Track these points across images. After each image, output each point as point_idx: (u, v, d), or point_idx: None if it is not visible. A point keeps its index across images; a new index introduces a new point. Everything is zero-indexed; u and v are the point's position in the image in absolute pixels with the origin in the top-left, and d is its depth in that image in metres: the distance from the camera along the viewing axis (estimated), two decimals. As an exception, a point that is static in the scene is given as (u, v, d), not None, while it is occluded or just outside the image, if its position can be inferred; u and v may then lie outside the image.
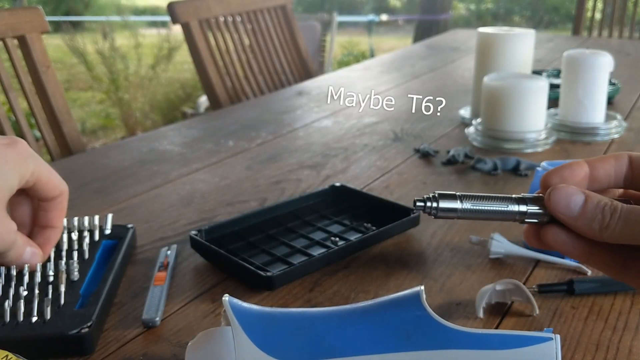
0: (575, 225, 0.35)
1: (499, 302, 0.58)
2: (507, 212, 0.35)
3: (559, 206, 0.35)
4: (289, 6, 1.95)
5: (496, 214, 0.35)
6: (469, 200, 0.35)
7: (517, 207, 0.35)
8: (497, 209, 0.35)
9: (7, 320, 0.52)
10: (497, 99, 1.03)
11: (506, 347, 0.34)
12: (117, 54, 4.56)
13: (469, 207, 0.35)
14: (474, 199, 0.35)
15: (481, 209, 0.35)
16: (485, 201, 0.35)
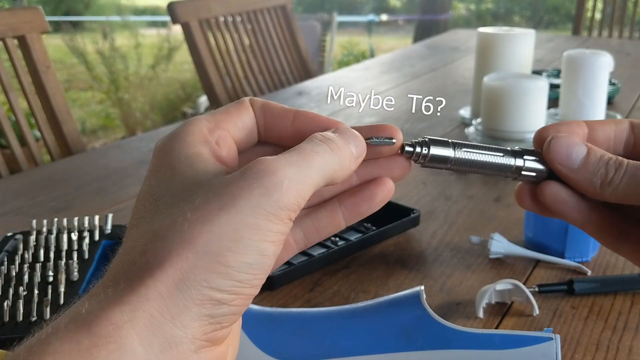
0: (575, 180, 0.32)
1: (499, 302, 0.58)
2: (503, 165, 0.32)
3: (559, 156, 0.32)
4: (289, 6, 1.94)
5: (490, 166, 0.32)
6: (463, 148, 0.32)
7: (513, 160, 0.33)
8: (492, 161, 0.32)
9: (7, 321, 0.52)
10: (497, 99, 1.03)
11: (506, 347, 0.33)
12: (117, 54, 4.56)
13: (462, 156, 0.32)
14: (469, 147, 0.32)
15: (475, 160, 0.32)
16: (480, 150, 0.32)
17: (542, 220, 0.66)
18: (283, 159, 0.28)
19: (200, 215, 0.26)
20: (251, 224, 0.26)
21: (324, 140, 0.30)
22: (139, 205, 0.32)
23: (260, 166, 0.27)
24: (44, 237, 0.66)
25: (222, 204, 0.26)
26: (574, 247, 0.64)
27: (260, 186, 0.26)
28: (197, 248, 0.25)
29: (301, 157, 0.28)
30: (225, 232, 0.25)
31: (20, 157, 1.17)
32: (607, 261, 0.66)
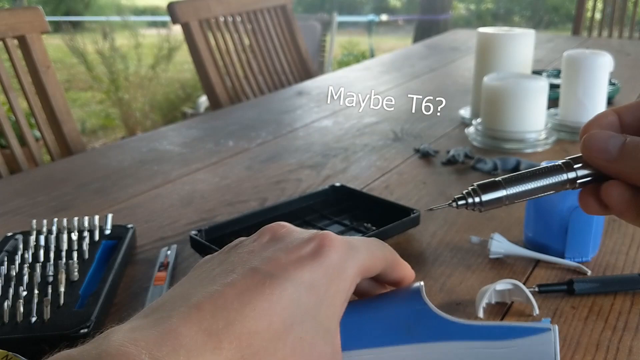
0: (617, 170, 0.31)
1: (499, 302, 0.58)
2: (558, 184, 0.32)
3: (594, 150, 0.32)
4: (289, 6, 1.94)
5: (547, 189, 0.32)
6: (513, 184, 0.32)
7: (565, 175, 0.32)
8: (546, 184, 0.32)
9: (7, 321, 0.52)
10: (497, 99, 1.03)
11: (505, 338, 0.34)
12: (117, 54, 4.56)
13: (514, 191, 0.32)
14: (518, 182, 0.32)
15: (529, 190, 0.32)
16: (530, 180, 0.32)
17: (542, 220, 0.66)
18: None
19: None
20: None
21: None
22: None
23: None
24: (44, 237, 0.66)
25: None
26: (574, 247, 0.64)
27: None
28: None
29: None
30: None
31: (20, 157, 1.17)
32: (607, 261, 0.66)
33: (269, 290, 0.30)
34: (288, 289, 0.30)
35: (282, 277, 0.31)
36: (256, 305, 0.29)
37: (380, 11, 8.86)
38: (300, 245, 0.33)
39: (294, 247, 0.33)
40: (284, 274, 0.31)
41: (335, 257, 0.33)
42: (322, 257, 0.32)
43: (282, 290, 0.30)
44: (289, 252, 0.32)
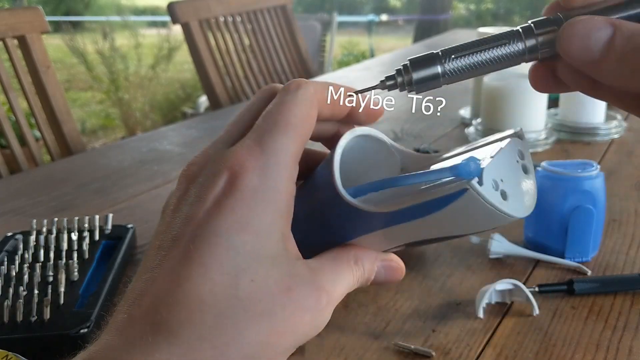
0: (598, 72, 0.26)
1: (499, 302, 0.58)
2: (511, 55, 0.27)
3: (573, 50, 0.25)
4: (289, 6, 1.94)
5: (497, 61, 0.27)
6: (455, 56, 0.27)
7: (522, 44, 0.26)
8: (497, 54, 0.27)
9: (7, 320, 0.52)
10: (497, 99, 1.03)
11: (424, 215, 0.27)
12: (117, 54, 4.56)
13: (456, 65, 0.27)
14: (461, 53, 0.27)
15: (474, 62, 0.27)
16: (476, 51, 0.27)
17: (542, 220, 0.66)
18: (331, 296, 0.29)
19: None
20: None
21: (354, 272, 0.30)
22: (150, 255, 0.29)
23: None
24: (44, 237, 0.66)
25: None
26: (574, 247, 0.64)
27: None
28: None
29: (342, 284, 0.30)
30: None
31: (20, 157, 1.17)
32: (607, 261, 0.66)
33: (197, 255, 0.26)
34: (217, 243, 0.26)
35: (205, 234, 0.27)
36: (191, 277, 0.26)
37: (380, 11, 8.86)
38: (212, 184, 0.28)
39: (207, 190, 0.28)
40: (206, 228, 0.27)
41: (254, 179, 0.27)
42: (238, 188, 0.27)
43: (211, 246, 0.26)
44: (203, 199, 0.28)
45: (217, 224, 0.27)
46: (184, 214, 0.28)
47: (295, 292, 0.27)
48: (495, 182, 0.26)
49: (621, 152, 1.00)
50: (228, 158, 0.28)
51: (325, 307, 0.28)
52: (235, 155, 0.28)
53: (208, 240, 0.27)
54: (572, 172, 0.64)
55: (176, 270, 0.26)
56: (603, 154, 1.00)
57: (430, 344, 0.53)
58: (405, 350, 0.52)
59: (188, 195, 0.29)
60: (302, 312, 0.27)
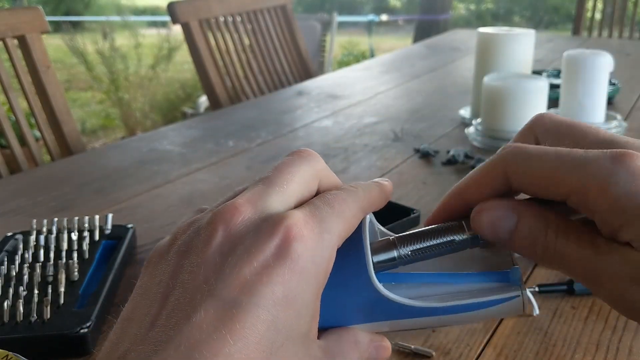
0: (512, 249, 0.29)
1: (499, 302, 0.58)
2: (458, 244, 0.30)
3: (485, 234, 0.29)
4: (289, 6, 1.95)
5: (447, 248, 0.30)
6: (408, 244, 0.30)
7: (466, 235, 0.30)
8: (445, 243, 0.30)
9: (7, 320, 0.52)
10: (497, 99, 1.03)
11: (472, 310, 0.30)
12: (117, 54, 4.56)
13: (408, 253, 0.30)
14: (414, 241, 0.30)
15: (427, 250, 0.30)
16: (428, 240, 0.30)
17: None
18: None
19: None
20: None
21: (354, 352, 0.31)
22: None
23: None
24: (44, 237, 0.66)
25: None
26: (574, 247, 0.64)
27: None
28: None
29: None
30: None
31: (20, 157, 1.17)
32: (607, 261, 0.66)
33: (239, 324, 0.24)
34: (261, 315, 0.25)
35: (252, 302, 0.25)
36: (228, 348, 0.24)
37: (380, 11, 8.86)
38: (262, 247, 0.26)
39: (256, 251, 0.26)
40: (253, 296, 0.25)
41: (307, 251, 0.26)
42: (291, 256, 0.26)
43: (254, 319, 0.25)
44: (251, 261, 0.26)
45: (266, 292, 0.25)
46: (226, 272, 0.26)
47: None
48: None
49: (621, 152, 1.00)
50: (285, 220, 0.26)
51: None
52: (294, 218, 0.27)
53: (253, 311, 0.25)
54: (572, 172, 0.64)
55: (215, 333, 0.24)
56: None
57: (430, 344, 0.53)
58: (405, 350, 0.52)
59: (233, 251, 0.26)
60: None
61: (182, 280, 0.26)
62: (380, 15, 8.49)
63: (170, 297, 0.26)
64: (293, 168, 0.30)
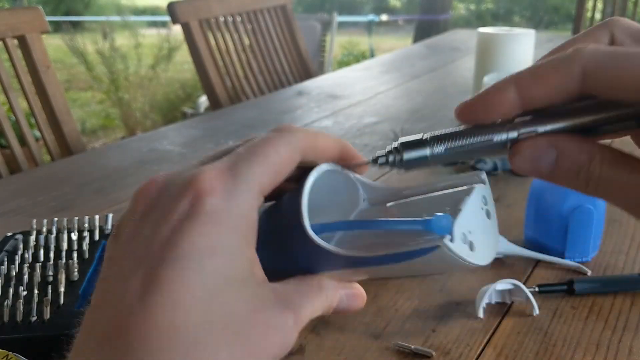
0: (553, 182, 0.28)
1: (499, 302, 0.58)
2: (494, 146, 0.28)
3: (526, 170, 0.28)
4: (289, 6, 1.94)
5: (480, 150, 0.29)
6: (442, 142, 0.29)
7: (505, 135, 0.28)
8: (480, 144, 0.28)
9: (7, 320, 0.52)
10: (497, 99, 1.03)
11: (396, 262, 0.29)
12: (117, 54, 4.56)
13: (442, 151, 0.29)
14: (448, 140, 0.29)
15: (459, 150, 0.29)
16: (462, 139, 0.29)
17: (542, 220, 0.66)
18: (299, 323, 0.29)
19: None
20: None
21: (318, 297, 0.30)
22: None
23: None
24: (44, 237, 0.66)
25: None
26: (574, 247, 0.64)
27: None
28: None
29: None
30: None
31: (20, 157, 1.17)
32: (607, 261, 0.66)
33: (167, 280, 0.25)
34: (187, 265, 0.25)
35: (174, 257, 0.25)
36: (163, 304, 0.25)
37: (380, 11, 8.86)
38: (176, 205, 0.27)
39: (169, 212, 0.27)
40: (174, 251, 0.25)
41: (217, 202, 0.26)
42: (205, 210, 0.26)
43: (181, 271, 0.25)
44: (167, 219, 0.26)
45: (187, 247, 0.26)
46: (145, 237, 0.27)
47: (264, 313, 0.27)
48: (464, 235, 0.28)
49: (621, 152, 1.00)
50: (195, 177, 0.27)
51: (292, 328, 0.28)
52: (203, 175, 0.27)
53: (178, 265, 0.25)
54: (572, 172, 0.64)
55: (146, 298, 0.25)
56: (603, 154, 1.00)
57: (430, 344, 0.53)
58: (405, 350, 0.52)
59: (148, 216, 0.27)
60: (272, 333, 0.27)
61: (115, 255, 0.28)
62: (380, 15, 8.49)
63: (106, 276, 0.28)
64: (272, 143, 0.29)
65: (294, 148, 0.30)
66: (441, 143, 0.30)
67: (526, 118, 0.28)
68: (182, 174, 0.28)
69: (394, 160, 0.31)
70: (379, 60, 1.97)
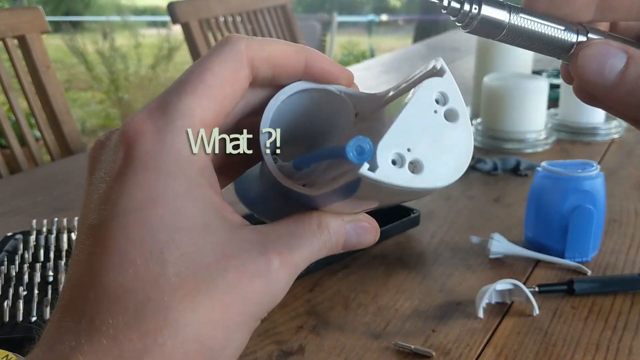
0: (608, 97, 0.26)
1: (499, 302, 0.58)
2: (561, 41, 0.26)
3: (588, 72, 0.26)
4: (289, 6, 1.94)
5: (547, 40, 0.26)
6: (521, 13, 0.26)
7: (575, 36, 0.26)
8: (551, 34, 0.26)
9: (7, 320, 0.52)
10: (497, 99, 1.03)
11: (348, 196, 0.25)
12: (117, 54, 4.56)
13: (518, 22, 0.26)
14: (527, 15, 0.26)
15: (531, 30, 0.26)
16: (538, 19, 0.26)
17: (542, 220, 0.66)
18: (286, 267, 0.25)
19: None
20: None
21: (318, 236, 0.27)
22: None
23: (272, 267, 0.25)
24: (44, 237, 0.66)
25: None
26: (574, 247, 0.64)
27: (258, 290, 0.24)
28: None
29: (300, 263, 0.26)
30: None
31: (20, 157, 1.17)
32: (607, 261, 0.66)
33: (111, 241, 0.23)
34: (129, 220, 0.23)
35: (114, 215, 0.24)
36: (109, 265, 0.23)
37: (380, 11, 8.86)
38: (112, 158, 0.25)
39: (107, 165, 0.25)
40: (114, 209, 0.24)
41: (148, 145, 0.24)
42: (137, 157, 0.24)
43: (124, 227, 0.23)
44: (107, 177, 0.25)
45: (125, 201, 0.24)
46: (90, 201, 0.25)
47: (237, 257, 0.24)
48: (399, 156, 0.22)
49: (621, 152, 1.01)
50: (126, 126, 0.24)
51: (279, 272, 0.25)
52: (133, 120, 0.24)
53: (119, 222, 0.23)
54: (572, 172, 0.64)
55: (91, 262, 0.23)
56: (603, 154, 1.00)
57: (430, 344, 0.53)
58: (405, 350, 0.52)
59: (93, 177, 0.26)
60: (249, 279, 0.24)
61: (79, 226, 0.26)
62: (380, 15, 8.49)
63: (75, 244, 0.26)
64: (208, 63, 0.25)
65: (236, 63, 0.25)
66: (520, 13, 0.26)
67: (595, 28, 0.27)
68: (121, 127, 0.25)
69: (469, 10, 0.26)
70: (379, 60, 1.97)
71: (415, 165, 0.23)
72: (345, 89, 0.28)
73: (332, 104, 0.29)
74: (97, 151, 0.26)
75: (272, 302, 0.25)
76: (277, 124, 0.27)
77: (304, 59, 0.27)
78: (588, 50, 0.26)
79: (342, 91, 0.28)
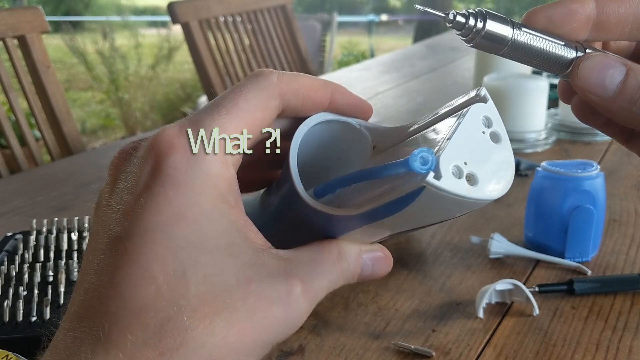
0: (609, 108, 0.26)
1: (499, 302, 0.58)
2: (560, 58, 0.27)
3: (589, 83, 0.26)
4: (289, 6, 1.94)
5: (547, 56, 0.27)
6: (523, 28, 0.27)
7: (574, 53, 0.27)
8: (551, 50, 0.27)
9: (7, 320, 0.52)
10: (497, 99, 1.03)
11: (394, 213, 0.26)
12: (117, 54, 4.56)
13: (521, 38, 0.27)
14: (529, 32, 0.27)
15: (532, 45, 0.27)
16: (540, 34, 0.27)
17: (542, 220, 0.66)
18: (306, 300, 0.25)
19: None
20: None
21: (338, 265, 0.28)
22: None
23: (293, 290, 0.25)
24: (44, 237, 0.66)
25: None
26: (574, 247, 0.64)
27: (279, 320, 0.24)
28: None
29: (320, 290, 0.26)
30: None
31: (20, 157, 1.17)
32: (607, 261, 0.66)
33: (134, 256, 0.23)
34: (153, 237, 0.23)
35: (140, 229, 0.23)
36: (131, 281, 0.23)
37: (380, 11, 8.86)
38: (139, 170, 0.25)
39: (134, 177, 0.25)
40: (139, 223, 0.23)
41: (178, 161, 0.24)
42: (166, 171, 0.24)
43: (148, 243, 0.23)
44: (131, 192, 0.24)
45: (151, 216, 0.23)
46: (114, 211, 0.25)
47: (259, 282, 0.24)
48: (457, 169, 0.24)
49: (621, 152, 1.00)
50: (155, 138, 0.25)
51: (300, 299, 0.25)
52: (164, 134, 0.24)
53: (145, 238, 0.23)
54: (572, 172, 0.64)
55: (113, 273, 0.23)
56: (603, 154, 1.00)
57: (430, 344, 0.53)
58: (405, 350, 0.52)
59: (117, 187, 0.26)
60: (269, 305, 0.24)
61: (93, 232, 0.26)
62: (380, 15, 8.48)
63: (86, 252, 0.26)
64: (242, 91, 0.26)
65: (268, 93, 0.26)
66: (523, 29, 0.27)
67: (592, 46, 0.28)
68: (148, 138, 0.25)
69: (473, 25, 0.27)
70: (379, 60, 1.97)
71: (470, 178, 0.24)
72: (366, 122, 0.29)
73: (350, 136, 0.30)
74: (122, 161, 0.27)
75: (290, 330, 0.25)
76: (299, 152, 0.28)
77: (330, 92, 0.28)
78: (588, 62, 0.27)
79: (361, 125, 0.30)
